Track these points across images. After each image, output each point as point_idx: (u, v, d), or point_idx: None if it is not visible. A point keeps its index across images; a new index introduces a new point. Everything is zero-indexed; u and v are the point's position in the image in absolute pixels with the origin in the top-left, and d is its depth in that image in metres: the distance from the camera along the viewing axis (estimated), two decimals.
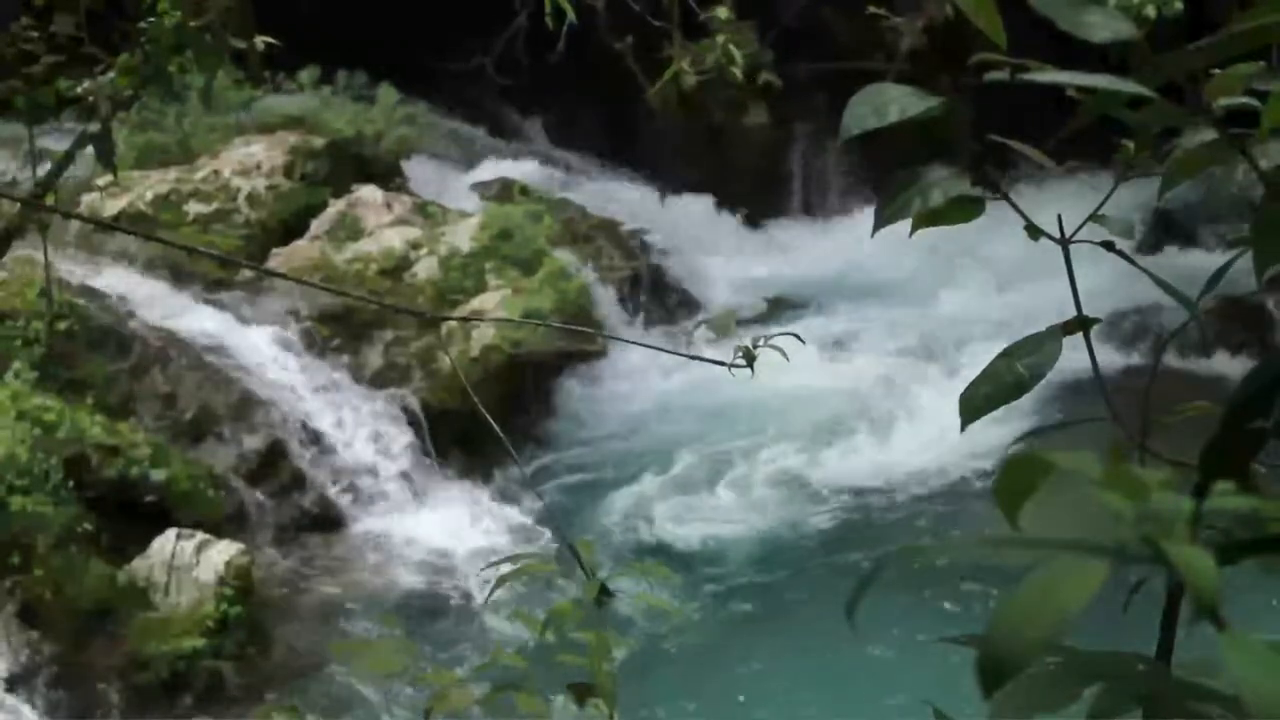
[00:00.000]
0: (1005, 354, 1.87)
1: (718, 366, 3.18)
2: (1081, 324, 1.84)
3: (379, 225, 15.48)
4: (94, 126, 5.13)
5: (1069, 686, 1.23)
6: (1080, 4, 1.50)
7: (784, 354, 3.00)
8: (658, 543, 12.44)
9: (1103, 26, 1.49)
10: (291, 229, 15.54)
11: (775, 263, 17.95)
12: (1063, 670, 1.25)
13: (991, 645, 0.86)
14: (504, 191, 17.07)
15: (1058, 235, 1.82)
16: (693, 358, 3.14)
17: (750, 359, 3.01)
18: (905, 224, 1.79)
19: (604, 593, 2.96)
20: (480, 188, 17.52)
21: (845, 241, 17.69)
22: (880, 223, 1.80)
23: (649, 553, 11.96)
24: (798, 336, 3.12)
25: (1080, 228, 1.83)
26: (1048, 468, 0.99)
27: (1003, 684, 0.87)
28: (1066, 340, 1.85)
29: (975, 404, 1.88)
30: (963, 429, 1.92)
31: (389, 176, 16.79)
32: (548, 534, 12.39)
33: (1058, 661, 1.27)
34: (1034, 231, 1.82)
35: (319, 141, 16.41)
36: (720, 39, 7.28)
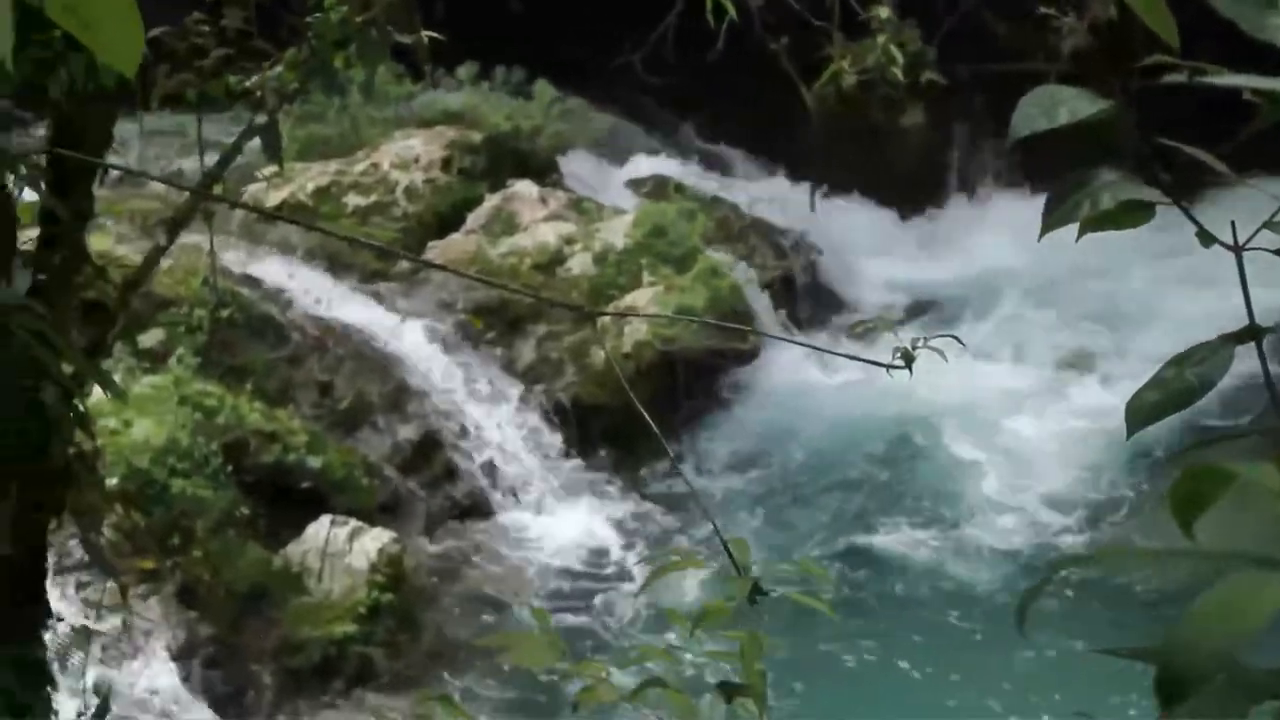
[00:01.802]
0: (1175, 361, 1.83)
1: (871, 369, 3.16)
2: (1253, 333, 1.80)
3: (534, 220, 15.59)
4: (261, 119, 5.22)
5: (1238, 703, 1.20)
6: (1263, 6, 1.47)
7: (943, 356, 2.97)
8: (808, 544, 12.38)
9: None
10: (448, 222, 15.71)
11: (930, 264, 17.76)
12: (1231, 686, 1.22)
13: (1172, 659, 0.85)
14: (659, 188, 17.09)
15: (1230, 242, 1.79)
16: (850, 357, 3.11)
17: (909, 360, 2.98)
18: (1068, 226, 1.77)
19: (757, 591, 2.94)
20: (635, 184, 17.54)
21: (1002, 243, 17.45)
22: (1048, 226, 1.78)
23: (799, 553, 11.90)
24: (957, 339, 3.09)
25: (1255, 234, 1.79)
26: (1227, 478, 0.96)
27: (1184, 698, 0.86)
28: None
29: (1143, 411, 1.85)
30: (1129, 436, 1.89)
31: (545, 172, 16.89)
32: (697, 531, 12.37)
33: (1224, 677, 1.25)
34: (1206, 238, 1.78)
35: (476, 136, 16.57)
36: (881, 39, 7.23)
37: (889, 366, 3.07)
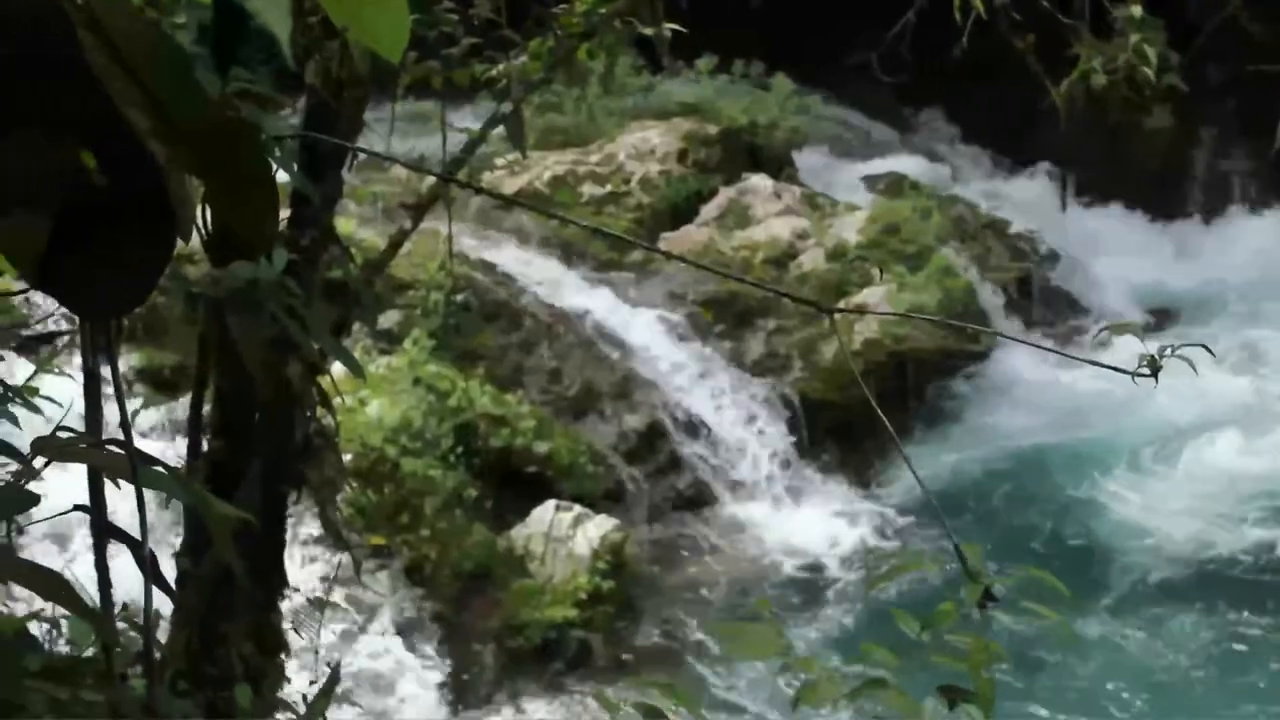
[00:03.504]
0: None
1: (1106, 378, 3.07)
2: None
3: (767, 215, 15.57)
4: (505, 107, 5.29)
5: None
6: None
7: (1193, 366, 2.87)
8: (1037, 551, 12.12)
9: None
10: (681, 214, 15.78)
11: (1173, 269, 17.28)
12: None
13: None
14: (894, 186, 16.94)
15: None
16: (1092, 363, 3.02)
17: (1155, 369, 2.88)
18: None
19: (988, 597, 2.88)
20: (870, 180, 17.42)
21: (1249, 250, 16.93)
22: None
23: (1029, 560, 11.67)
24: (1207, 348, 2.98)
25: None
26: None
27: None
28: None
29: None
30: None
31: (779, 166, 16.87)
32: (922, 533, 12.22)
33: None
34: None
35: (712, 129, 16.62)
36: (1133, 39, 7.07)
37: (1133, 374, 2.98)
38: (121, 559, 2.18)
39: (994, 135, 19.21)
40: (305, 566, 9.79)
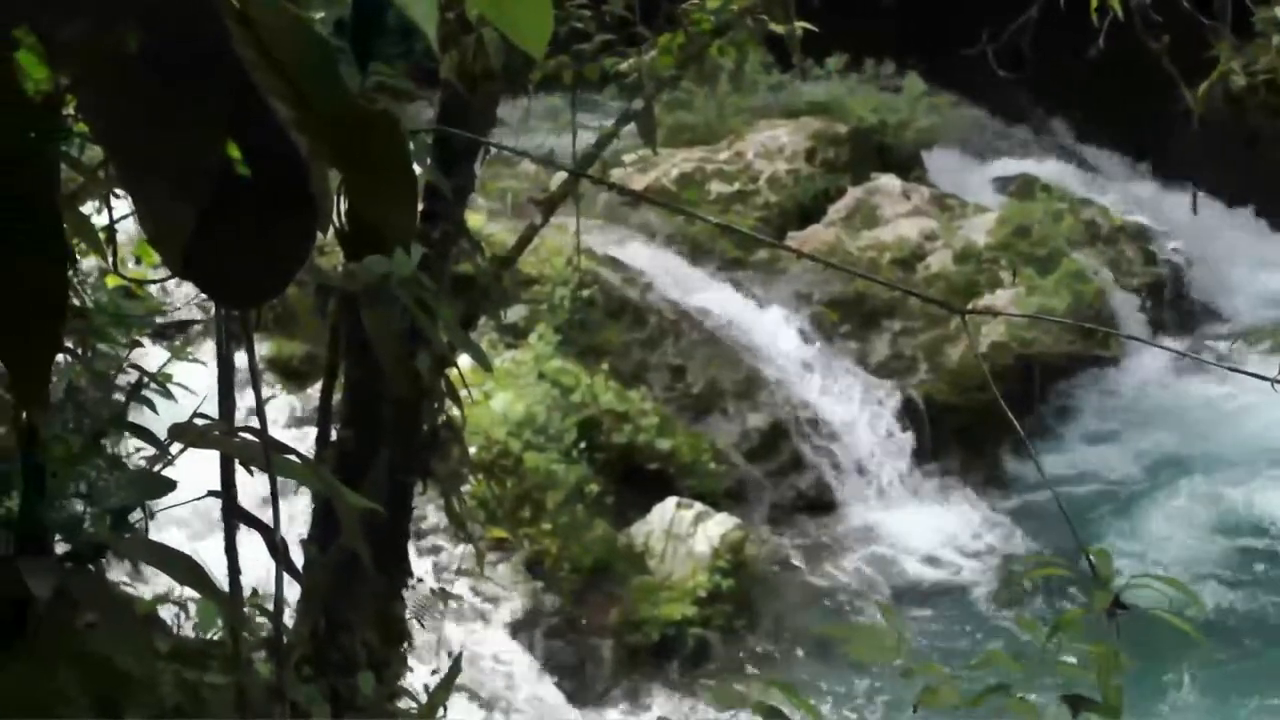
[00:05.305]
0: None
1: (1238, 389, 3.01)
2: None
3: (895, 215, 15.47)
4: (636, 104, 5.30)
5: None
6: None
7: None
8: (1166, 561, 11.92)
9: None
10: (808, 213, 15.72)
11: None
12: None
13: None
14: (1025, 188, 16.75)
15: None
16: (1229, 368, 2.97)
17: None
18: None
19: (1118, 605, 2.83)
20: (1001, 183, 17.24)
21: None
22: None
23: (1157, 570, 11.47)
24: None
25: None
26: None
27: None
28: None
29: None
30: None
31: (909, 166, 16.75)
32: (1046, 539, 12.06)
33: None
34: None
35: (842, 128, 16.53)
36: (1276, 40, 6.93)
37: (1274, 381, 2.92)
38: (245, 546, 2.21)
39: (1129, 138, 18.93)
40: (428, 557, 9.87)
